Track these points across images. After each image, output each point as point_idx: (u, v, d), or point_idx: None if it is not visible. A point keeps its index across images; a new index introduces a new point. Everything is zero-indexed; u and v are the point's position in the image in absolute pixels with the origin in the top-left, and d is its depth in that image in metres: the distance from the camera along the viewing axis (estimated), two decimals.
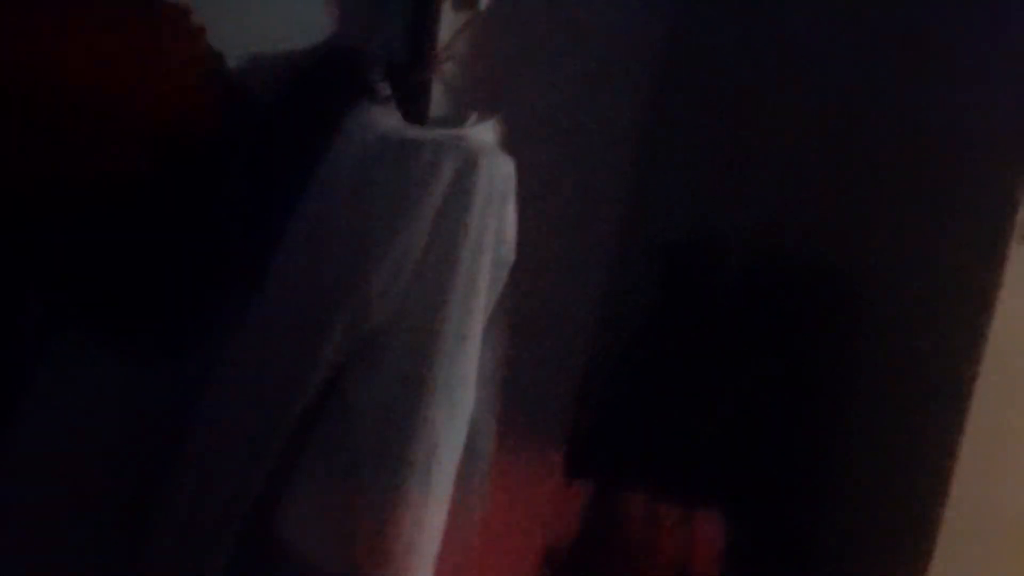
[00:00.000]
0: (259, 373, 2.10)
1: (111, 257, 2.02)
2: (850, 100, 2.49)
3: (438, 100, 2.21)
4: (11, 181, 1.91)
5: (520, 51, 2.29)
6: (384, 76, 2.14)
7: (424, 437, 2.08)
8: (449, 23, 2.19)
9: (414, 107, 2.17)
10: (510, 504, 2.33)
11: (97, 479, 2.12)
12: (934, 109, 2.36)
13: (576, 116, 2.37)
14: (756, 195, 2.59)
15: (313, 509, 2.11)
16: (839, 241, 2.50)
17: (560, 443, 2.52)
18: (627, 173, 2.51)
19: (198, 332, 2.13)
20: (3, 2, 1.88)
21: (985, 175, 2.28)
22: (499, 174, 2.09)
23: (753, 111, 2.61)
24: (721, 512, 2.48)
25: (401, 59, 2.19)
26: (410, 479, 2.07)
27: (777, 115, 2.58)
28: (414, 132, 2.12)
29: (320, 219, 2.10)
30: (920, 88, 2.39)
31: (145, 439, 2.13)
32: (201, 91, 2.04)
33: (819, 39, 2.54)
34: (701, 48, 2.63)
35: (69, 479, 2.09)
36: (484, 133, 2.14)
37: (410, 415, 2.07)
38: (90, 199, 1.97)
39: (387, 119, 2.12)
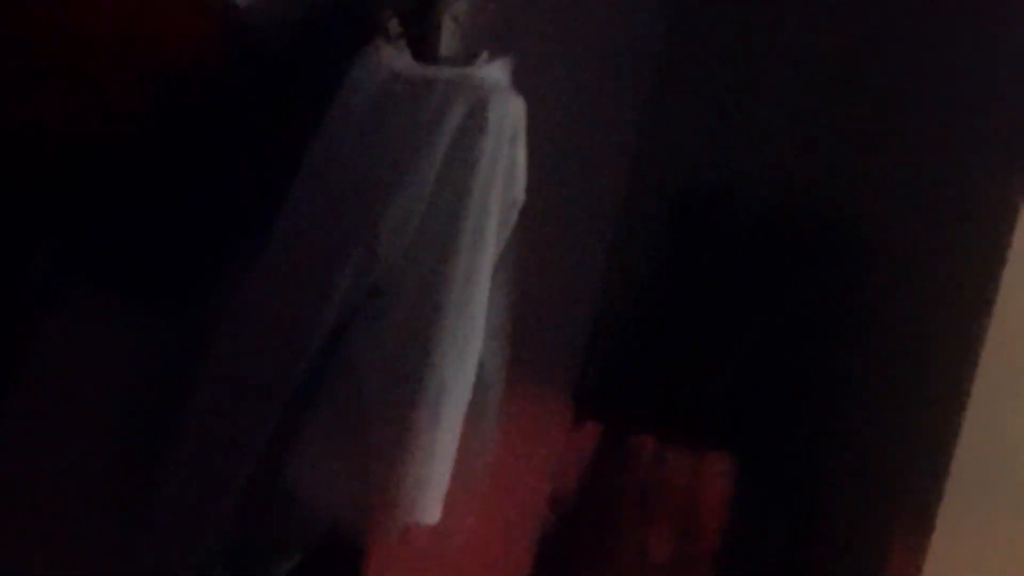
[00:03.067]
0: (270, 318, 2.10)
1: (121, 203, 2.02)
2: (863, 50, 2.48)
3: (449, 39, 2.19)
4: (17, 125, 1.91)
5: None
6: (395, 15, 2.12)
7: (432, 380, 2.08)
8: None
9: (425, 46, 2.15)
10: (518, 447, 2.33)
11: (105, 428, 2.12)
12: (947, 61, 2.36)
13: (588, 56, 2.36)
14: (765, 143, 2.58)
15: (323, 455, 2.12)
16: (848, 189, 2.49)
17: (569, 387, 2.52)
18: (639, 115, 2.50)
19: (207, 277, 2.12)
20: None
21: (997, 127, 2.27)
22: (509, 114, 2.08)
23: (765, 59, 2.59)
24: (729, 456, 2.48)
25: None
26: (419, 423, 2.08)
27: (789, 64, 2.57)
28: (425, 71, 2.11)
29: (330, 159, 2.09)
30: (933, 43, 2.38)
31: (154, 388, 2.13)
32: (208, 29, 2.02)
33: None
34: None
35: (77, 427, 2.10)
36: (495, 72, 2.13)
37: (419, 358, 2.08)
38: (98, 141, 1.96)
39: (398, 58, 2.11)
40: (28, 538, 2.08)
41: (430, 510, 2.12)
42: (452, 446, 2.13)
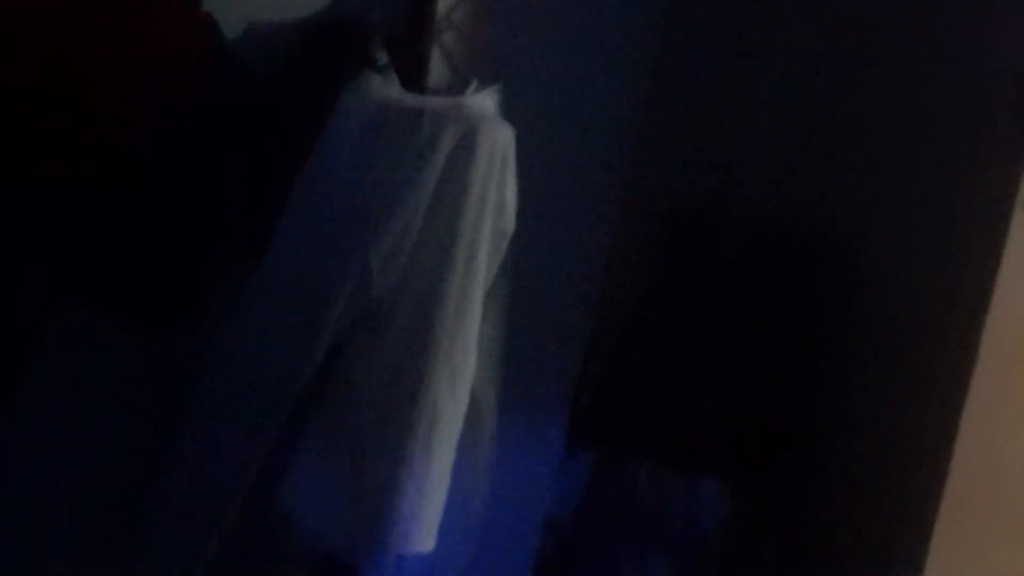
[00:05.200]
0: (262, 345, 2.11)
1: (111, 231, 2.02)
2: (856, 66, 2.47)
3: (437, 69, 2.20)
4: (6, 151, 1.91)
5: (519, 19, 2.28)
6: (383, 45, 2.13)
7: (426, 407, 2.08)
8: None
9: (413, 76, 2.16)
10: (513, 472, 2.33)
11: (100, 451, 2.12)
12: (941, 74, 2.35)
13: (577, 84, 2.36)
14: (757, 165, 2.58)
15: (317, 482, 2.12)
16: (840, 210, 2.49)
17: (563, 412, 2.52)
18: (628, 142, 2.50)
19: (199, 305, 2.12)
20: None
21: (987, 144, 2.27)
22: (499, 143, 2.08)
23: (755, 80, 2.60)
24: (725, 478, 2.48)
25: (400, 28, 2.19)
26: (412, 450, 2.07)
27: (780, 84, 2.57)
28: (414, 101, 2.12)
29: (321, 189, 2.10)
30: (922, 55, 2.38)
31: (147, 413, 2.13)
32: (195, 59, 2.02)
33: (824, 6, 2.54)
34: (702, 19, 2.62)
35: (72, 450, 2.10)
36: (484, 101, 2.13)
37: (412, 385, 2.08)
38: (88, 166, 1.97)
39: (387, 88, 2.11)
40: (26, 553, 2.09)
41: (424, 538, 2.12)
42: (446, 473, 2.13)
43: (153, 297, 2.07)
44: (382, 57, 2.12)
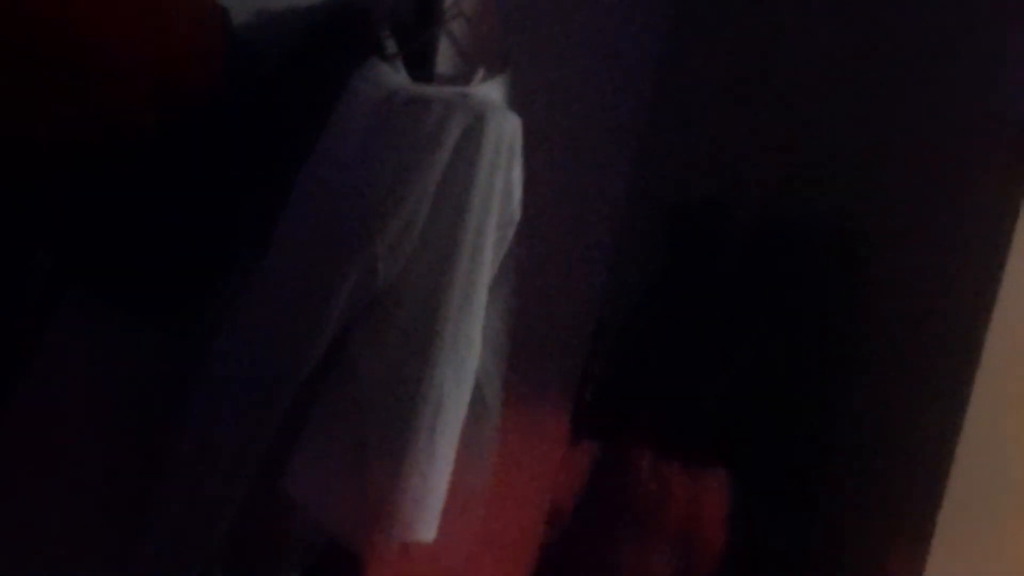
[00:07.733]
0: (267, 331, 2.11)
1: (119, 215, 2.03)
2: (857, 61, 2.48)
3: (445, 58, 2.20)
4: (16, 136, 1.91)
5: (527, 8, 2.28)
6: (391, 33, 2.13)
7: (430, 396, 2.08)
8: None
9: (421, 64, 2.16)
10: (516, 463, 2.34)
11: (104, 437, 2.13)
12: (944, 70, 2.35)
13: (584, 74, 2.37)
14: (761, 161, 2.58)
15: (322, 468, 2.12)
16: (844, 202, 2.49)
17: (567, 403, 2.52)
18: (635, 132, 2.50)
19: (205, 291, 2.13)
20: None
21: (995, 135, 2.27)
22: (506, 132, 2.08)
23: (760, 77, 2.60)
24: (727, 471, 2.47)
25: (408, 16, 2.19)
26: (417, 438, 2.08)
27: (785, 82, 2.57)
28: (421, 90, 2.11)
29: (327, 177, 2.10)
30: (929, 52, 2.38)
31: (153, 397, 2.14)
32: (204, 45, 2.03)
33: (828, 6, 2.54)
34: (710, 11, 2.62)
35: (76, 436, 2.11)
36: (491, 91, 2.13)
37: (417, 374, 2.08)
38: (96, 153, 1.97)
39: (394, 77, 2.11)
40: (28, 543, 2.09)
41: (427, 527, 2.12)
42: (449, 463, 2.13)
43: (159, 284, 2.08)
44: (390, 45, 2.12)
